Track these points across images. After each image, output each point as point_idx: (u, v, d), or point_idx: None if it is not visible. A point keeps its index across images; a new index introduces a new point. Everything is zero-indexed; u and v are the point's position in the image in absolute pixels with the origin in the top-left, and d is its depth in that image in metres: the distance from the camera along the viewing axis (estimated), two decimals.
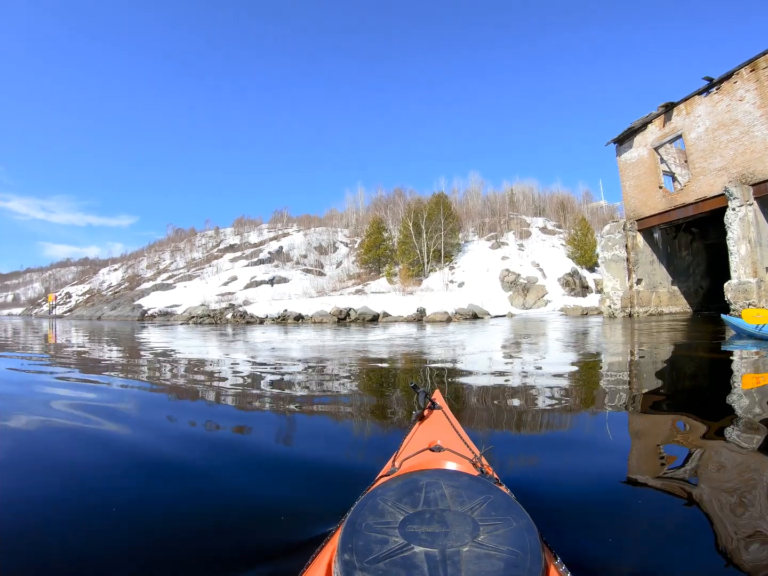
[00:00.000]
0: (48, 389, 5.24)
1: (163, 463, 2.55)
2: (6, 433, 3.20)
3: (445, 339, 11.58)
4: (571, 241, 44.31)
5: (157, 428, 3.36)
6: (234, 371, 6.46)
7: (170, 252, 79.28)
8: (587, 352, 8.39)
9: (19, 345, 12.72)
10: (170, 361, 8.04)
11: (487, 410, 3.69)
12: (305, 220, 77.47)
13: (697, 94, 16.52)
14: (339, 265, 55.86)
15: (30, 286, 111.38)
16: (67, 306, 68.08)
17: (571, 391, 4.54)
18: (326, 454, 2.67)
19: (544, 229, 52.74)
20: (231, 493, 2.11)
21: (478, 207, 60.92)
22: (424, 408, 1.98)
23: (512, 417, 3.47)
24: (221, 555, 1.57)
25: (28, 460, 2.66)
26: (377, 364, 7.06)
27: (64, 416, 3.71)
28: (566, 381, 5.18)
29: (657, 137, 18.59)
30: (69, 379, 5.89)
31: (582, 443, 2.86)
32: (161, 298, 48.28)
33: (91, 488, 2.19)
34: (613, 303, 20.41)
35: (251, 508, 1.94)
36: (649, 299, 19.97)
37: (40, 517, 1.88)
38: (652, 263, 20.14)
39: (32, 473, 2.42)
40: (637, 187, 19.83)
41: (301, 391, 4.71)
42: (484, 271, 41.36)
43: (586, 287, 39.08)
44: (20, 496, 2.08)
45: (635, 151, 19.73)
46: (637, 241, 19.84)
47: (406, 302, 28.50)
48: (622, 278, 20.11)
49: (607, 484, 2.13)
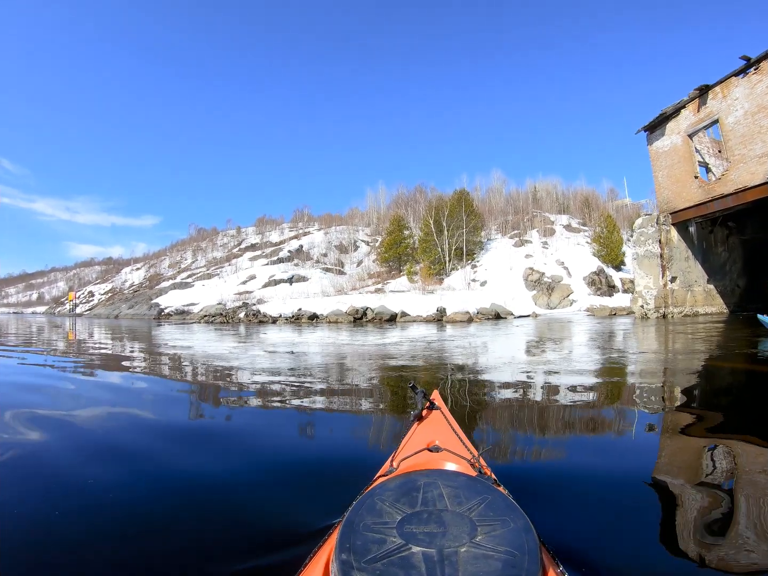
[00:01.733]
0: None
1: (157, 462, 2.56)
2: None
3: (464, 343, 10.30)
4: (597, 239, 42.77)
5: (155, 431, 3.31)
6: (227, 374, 6.31)
7: (192, 251, 79.84)
8: (621, 359, 7.48)
9: (22, 340, 13.48)
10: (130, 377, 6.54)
11: (496, 416, 3.58)
12: (326, 218, 77.14)
13: (734, 76, 15.37)
14: (359, 264, 55.30)
15: (54, 284, 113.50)
16: (90, 304, 68.84)
17: (597, 402, 4.09)
18: (325, 454, 2.70)
19: (568, 226, 51.27)
20: (228, 492, 2.12)
21: (500, 205, 59.53)
22: (423, 408, 1.95)
23: (528, 431, 3.22)
24: (220, 554, 1.58)
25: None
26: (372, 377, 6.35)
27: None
28: (595, 393, 4.58)
29: (691, 123, 17.38)
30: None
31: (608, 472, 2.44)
32: (178, 296, 48.39)
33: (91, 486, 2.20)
34: (646, 303, 19.09)
35: (249, 507, 1.95)
36: (684, 299, 18.71)
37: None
38: (687, 260, 18.84)
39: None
40: (670, 177, 18.56)
41: (301, 392, 4.69)
42: (507, 269, 40.27)
43: (613, 286, 37.68)
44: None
45: (668, 139, 18.50)
46: (671, 236, 18.54)
47: (426, 301, 27.48)
48: (655, 276, 18.82)
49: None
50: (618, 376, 5.58)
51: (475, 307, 25.90)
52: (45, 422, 3.47)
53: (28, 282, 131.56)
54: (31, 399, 4.40)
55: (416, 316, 25.25)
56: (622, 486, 2.15)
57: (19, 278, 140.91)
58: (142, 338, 14.44)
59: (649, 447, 2.82)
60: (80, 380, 5.81)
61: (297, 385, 5.12)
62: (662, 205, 19.04)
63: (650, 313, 18.78)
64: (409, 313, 25.67)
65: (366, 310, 26.13)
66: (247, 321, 28.47)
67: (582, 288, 36.54)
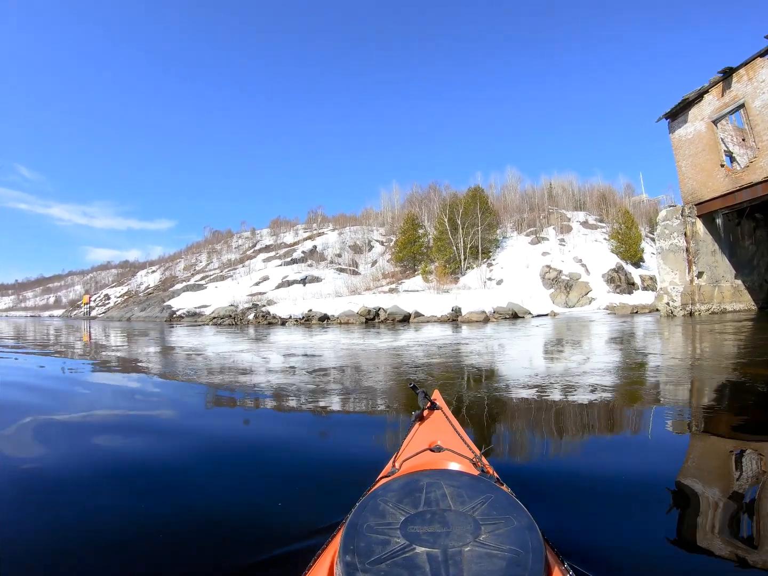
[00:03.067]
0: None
1: (165, 468, 2.54)
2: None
3: (479, 347, 9.35)
4: (615, 236, 41.70)
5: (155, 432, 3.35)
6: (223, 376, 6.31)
7: (207, 254, 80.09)
8: (650, 363, 6.83)
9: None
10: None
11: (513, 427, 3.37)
12: (341, 219, 76.78)
13: (759, 56, 14.54)
14: (374, 264, 54.79)
15: (71, 288, 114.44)
16: (106, 307, 69.28)
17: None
18: (326, 455, 2.72)
19: (585, 223, 50.20)
20: (233, 495, 2.14)
21: (516, 202, 58.48)
22: (424, 408, 1.93)
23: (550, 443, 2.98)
24: (225, 557, 1.59)
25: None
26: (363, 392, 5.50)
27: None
28: (612, 394, 4.39)
29: (715, 108, 16.52)
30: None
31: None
32: (191, 298, 48.22)
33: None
34: (672, 300, 18.15)
35: (253, 510, 1.96)
36: (711, 295, 17.82)
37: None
38: (713, 254, 17.95)
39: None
40: (694, 166, 17.66)
41: (301, 393, 4.70)
42: (524, 267, 39.45)
43: (632, 284, 36.68)
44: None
45: (691, 126, 17.62)
46: (696, 229, 17.66)
47: (441, 301, 26.84)
48: (681, 271, 17.92)
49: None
50: (640, 384, 5.08)
51: (492, 306, 25.24)
52: (57, 429, 3.52)
53: (45, 286, 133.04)
54: (30, 400, 4.62)
55: (430, 316, 24.68)
56: (631, 485, 2.11)
57: (36, 282, 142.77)
58: (138, 342, 14.32)
59: (660, 447, 2.79)
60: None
61: (297, 386, 5.08)
62: (686, 196, 18.15)
63: (676, 310, 17.92)
64: (423, 313, 25.10)
65: (378, 310, 25.65)
66: (256, 323, 28.12)
67: (601, 285, 35.59)
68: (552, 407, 3.72)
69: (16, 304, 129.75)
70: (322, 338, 13.31)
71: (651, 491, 2.07)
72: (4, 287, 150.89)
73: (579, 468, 2.41)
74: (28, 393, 5.01)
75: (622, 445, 2.87)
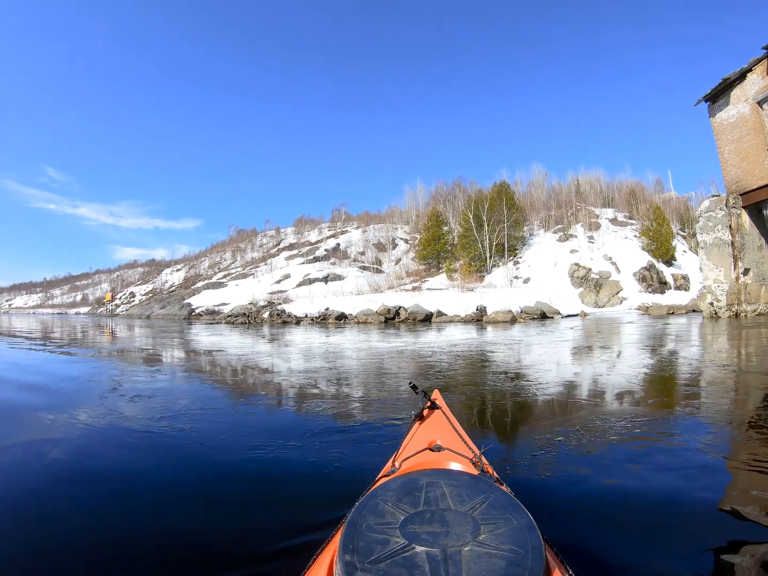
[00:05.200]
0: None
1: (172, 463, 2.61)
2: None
3: (508, 356, 7.70)
4: (645, 233, 39.99)
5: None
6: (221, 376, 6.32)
7: (231, 252, 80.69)
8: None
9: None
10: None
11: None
12: (365, 217, 76.61)
13: None
14: (398, 262, 54.20)
15: (98, 286, 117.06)
16: (131, 305, 69.99)
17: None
18: (327, 455, 2.65)
19: (614, 220, 48.68)
20: (231, 492, 2.15)
21: (542, 199, 57.20)
22: (424, 408, 1.91)
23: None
24: (225, 556, 1.59)
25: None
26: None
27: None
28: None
29: (760, 88, 15.22)
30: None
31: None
32: (210, 296, 48.28)
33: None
34: (717, 299, 16.78)
35: (252, 509, 1.97)
36: (758, 294, 16.40)
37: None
38: (760, 249, 16.48)
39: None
40: (738, 152, 16.28)
41: (302, 394, 4.75)
42: (552, 265, 38.28)
43: (664, 283, 35.21)
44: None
45: (733, 109, 16.29)
46: (742, 221, 16.26)
47: (465, 300, 25.68)
48: (726, 268, 16.55)
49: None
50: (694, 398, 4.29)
51: (519, 305, 24.21)
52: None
53: (72, 284, 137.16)
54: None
55: (453, 315, 23.71)
56: (657, 509, 1.91)
57: (64, 280, 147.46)
58: (137, 341, 13.94)
59: (704, 467, 2.49)
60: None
61: (297, 387, 5.11)
62: (730, 185, 16.79)
63: (721, 311, 16.66)
64: (445, 313, 24.14)
65: (399, 309, 24.79)
66: (271, 321, 27.38)
67: (632, 284, 34.24)
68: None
69: (44, 302, 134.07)
70: (330, 340, 12.51)
71: (682, 519, 1.83)
72: (33, 285, 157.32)
73: (604, 486, 2.19)
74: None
75: (661, 463, 2.49)
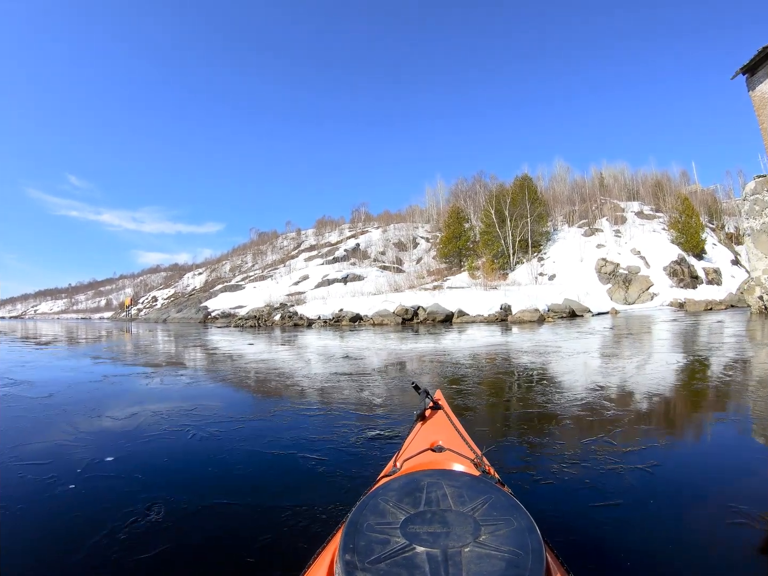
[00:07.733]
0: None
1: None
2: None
3: (543, 369, 6.02)
4: (674, 225, 38.73)
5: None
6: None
7: (252, 255, 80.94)
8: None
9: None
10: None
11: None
12: (385, 217, 76.10)
13: None
14: (419, 261, 53.66)
15: (122, 291, 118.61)
16: (153, 309, 70.54)
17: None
18: (327, 455, 2.67)
19: (640, 213, 47.44)
20: (233, 493, 2.16)
21: (565, 193, 55.96)
22: (426, 408, 1.90)
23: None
24: (224, 555, 1.60)
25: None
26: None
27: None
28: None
29: None
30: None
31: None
32: (227, 299, 48.28)
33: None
34: (767, 293, 15.62)
35: (252, 508, 1.99)
36: None
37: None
38: None
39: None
40: None
41: (303, 394, 4.76)
42: (578, 261, 37.42)
43: (696, 277, 34.08)
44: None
45: None
46: None
47: (488, 298, 24.63)
48: None
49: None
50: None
51: (546, 303, 23.35)
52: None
53: (97, 289, 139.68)
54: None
55: (476, 315, 22.74)
56: (639, 492, 2.02)
57: (88, 286, 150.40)
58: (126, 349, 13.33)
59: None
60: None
61: (298, 387, 5.17)
62: None
63: None
64: (467, 312, 23.16)
65: (417, 309, 23.89)
66: (282, 324, 26.29)
67: (663, 280, 33.26)
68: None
69: (69, 307, 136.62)
70: (332, 343, 12.09)
71: (690, 537, 1.75)
72: (59, 291, 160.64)
73: (607, 492, 2.08)
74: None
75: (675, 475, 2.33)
